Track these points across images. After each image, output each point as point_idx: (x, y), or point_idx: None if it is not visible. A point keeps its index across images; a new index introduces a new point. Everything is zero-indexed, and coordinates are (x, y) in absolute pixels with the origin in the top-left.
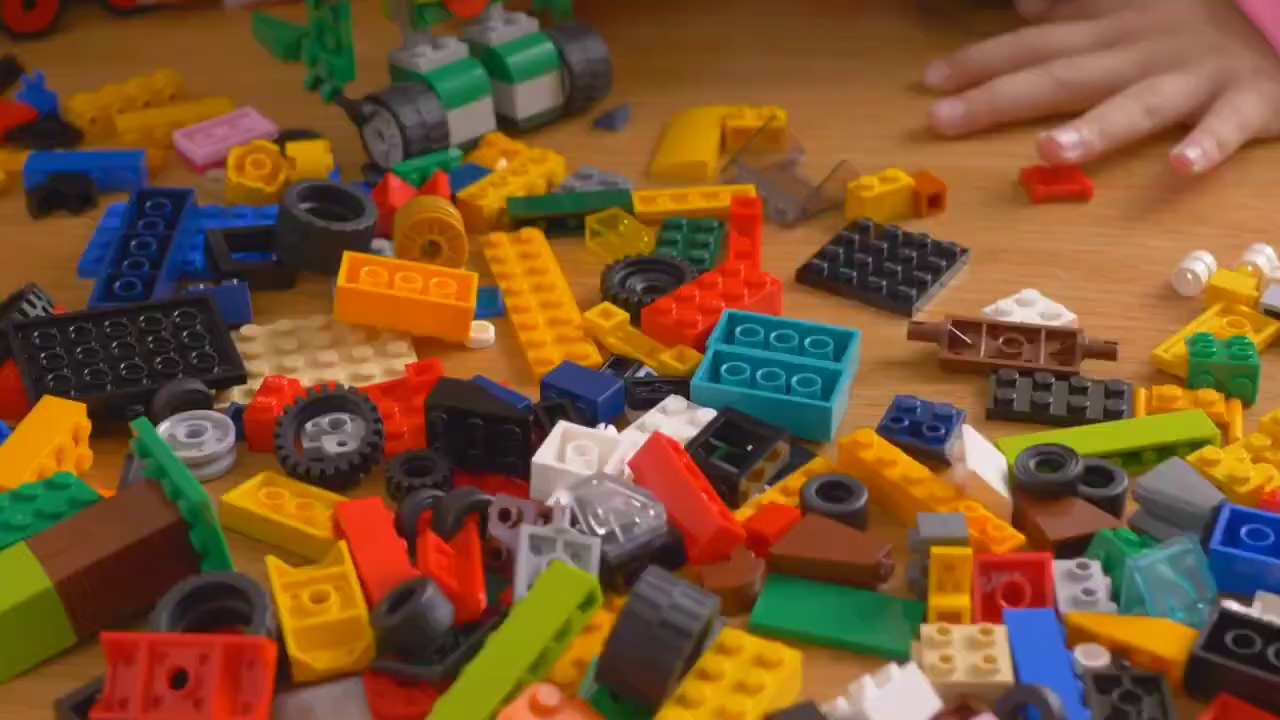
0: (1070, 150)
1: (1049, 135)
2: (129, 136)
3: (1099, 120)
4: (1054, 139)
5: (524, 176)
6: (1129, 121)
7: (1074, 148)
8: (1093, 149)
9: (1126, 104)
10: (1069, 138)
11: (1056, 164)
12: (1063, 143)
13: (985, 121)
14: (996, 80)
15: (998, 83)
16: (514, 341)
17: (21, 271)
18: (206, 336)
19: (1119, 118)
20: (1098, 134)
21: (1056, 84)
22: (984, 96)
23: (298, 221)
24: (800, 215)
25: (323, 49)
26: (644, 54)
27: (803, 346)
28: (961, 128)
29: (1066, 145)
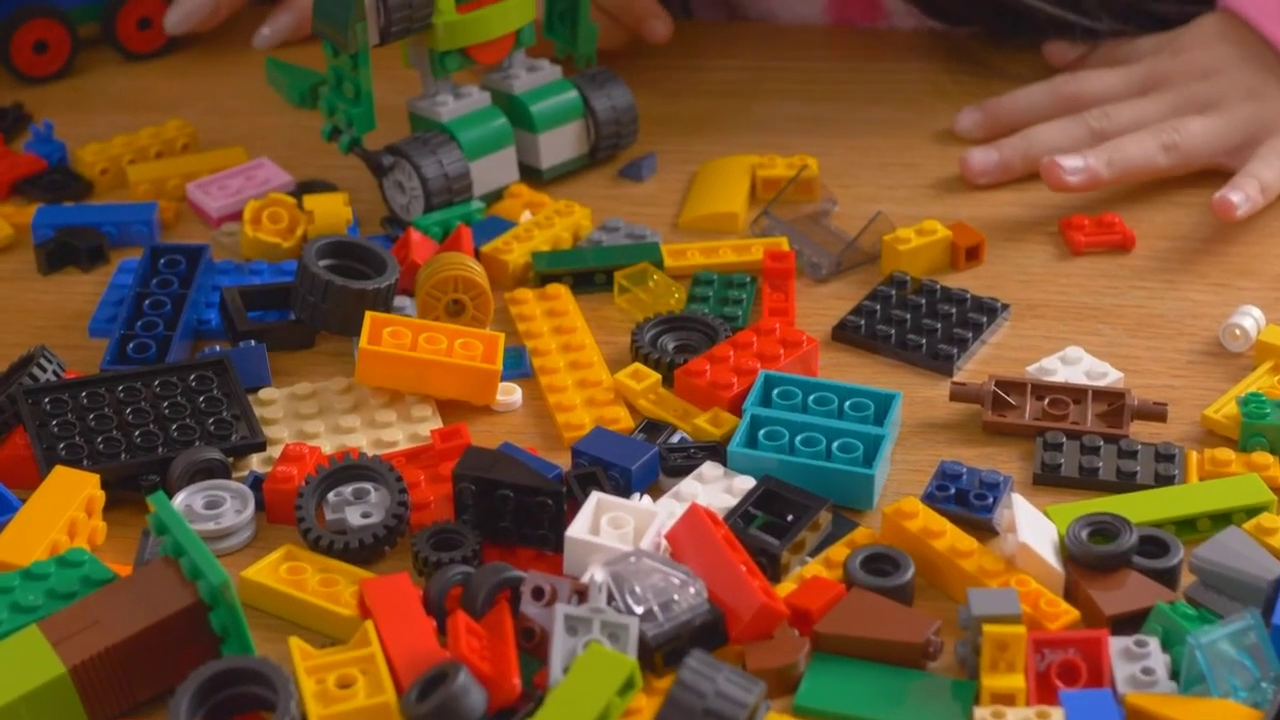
0: (1072, 175)
1: (1053, 159)
2: (141, 188)
3: (1110, 150)
4: (1056, 163)
5: (549, 230)
6: (1142, 155)
7: (1076, 173)
8: (1098, 177)
9: (1143, 138)
10: (1072, 163)
11: (1059, 189)
12: (1065, 166)
13: (1018, 171)
14: (1030, 129)
15: (1031, 131)
16: (542, 404)
17: (31, 331)
18: (224, 401)
19: (1132, 150)
20: (1104, 163)
21: (1090, 133)
22: (1018, 145)
23: (317, 280)
24: (835, 269)
25: (341, 98)
26: (669, 100)
27: (842, 410)
28: (994, 177)
29: (1068, 170)
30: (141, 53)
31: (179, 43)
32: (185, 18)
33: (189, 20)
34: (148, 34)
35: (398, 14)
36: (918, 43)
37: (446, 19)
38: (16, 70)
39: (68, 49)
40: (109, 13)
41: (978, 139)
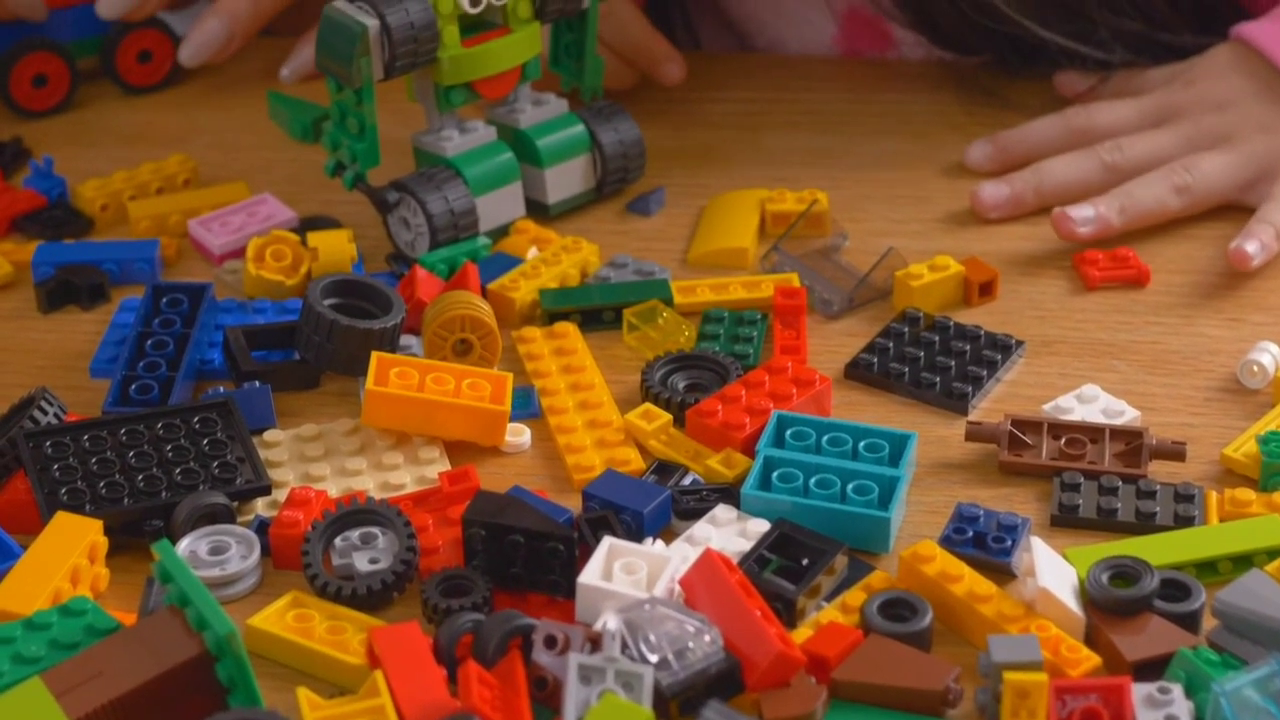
0: (1082, 226)
1: (1063, 210)
2: (142, 225)
3: (1121, 197)
4: (1066, 214)
5: (556, 266)
6: (1154, 199)
7: (1087, 224)
8: (1109, 226)
9: (1154, 182)
10: (1082, 214)
11: (1070, 240)
12: (1075, 218)
13: (1030, 205)
14: (1042, 163)
15: (1043, 165)
16: (551, 445)
17: (31, 372)
18: (228, 444)
19: (1144, 195)
20: (1116, 211)
21: (1103, 166)
22: (1029, 179)
23: (323, 319)
24: (847, 306)
25: (345, 133)
26: (675, 132)
27: (857, 451)
28: (1005, 211)
29: (1078, 221)
30: (141, 86)
31: (178, 76)
32: (199, 50)
33: (203, 52)
34: (147, 67)
35: (402, 48)
36: (927, 74)
37: (451, 53)
38: (15, 104)
39: (67, 83)
40: (109, 46)
41: (988, 172)
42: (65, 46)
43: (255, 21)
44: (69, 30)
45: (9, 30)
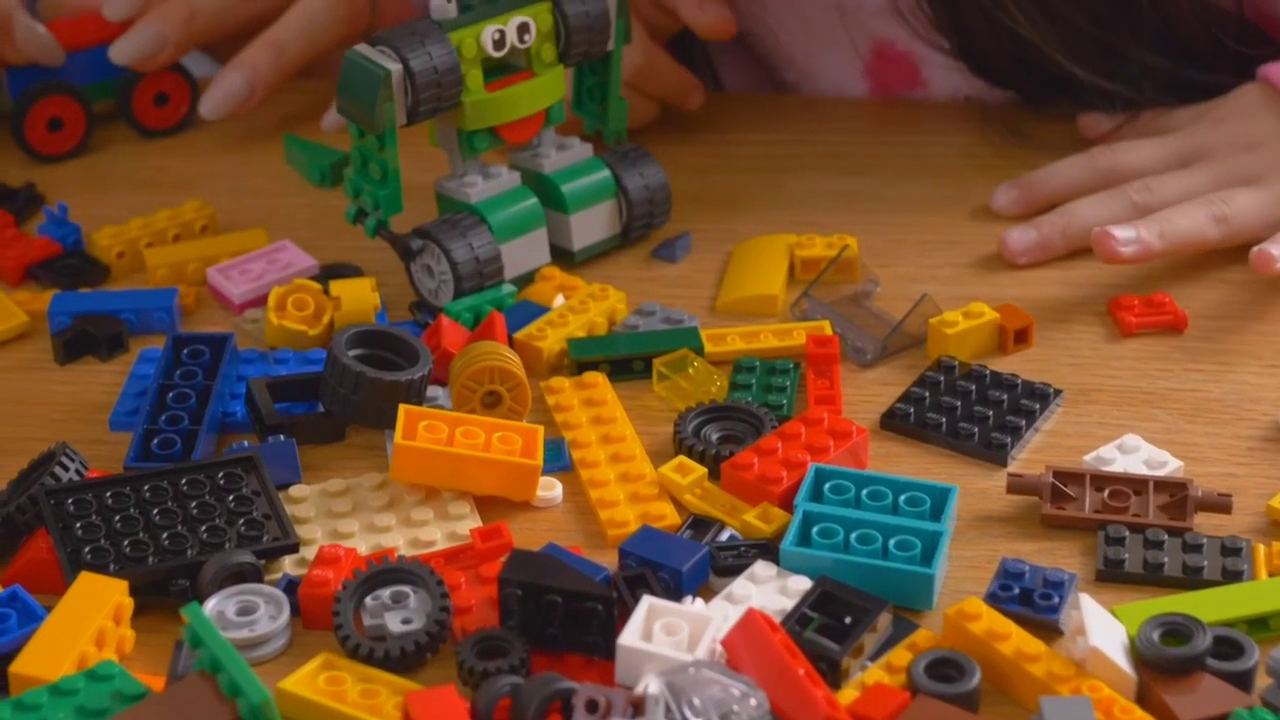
0: (1125, 247)
1: (1104, 230)
2: (159, 273)
3: (1161, 221)
4: (1109, 234)
5: (584, 315)
6: (1193, 227)
7: (1129, 244)
8: (1150, 250)
9: (1194, 210)
10: (1125, 234)
11: (1111, 261)
12: (1118, 237)
13: (1059, 249)
14: (1070, 205)
15: (1071, 207)
16: (583, 499)
17: (49, 425)
18: (254, 500)
19: (1183, 222)
20: (1157, 235)
21: (1132, 206)
22: (1057, 222)
23: (348, 371)
24: (880, 354)
25: (367, 180)
26: (699, 176)
27: (897, 505)
28: (1034, 256)
29: (1121, 240)
30: (158, 129)
31: (195, 120)
32: (220, 104)
33: (224, 107)
34: (164, 110)
35: (426, 93)
36: (952, 114)
37: (475, 97)
38: (30, 149)
39: (82, 127)
40: (125, 89)
41: (1015, 216)
42: (81, 90)
43: (277, 77)
44: (85, 73)
45: (24, 74)
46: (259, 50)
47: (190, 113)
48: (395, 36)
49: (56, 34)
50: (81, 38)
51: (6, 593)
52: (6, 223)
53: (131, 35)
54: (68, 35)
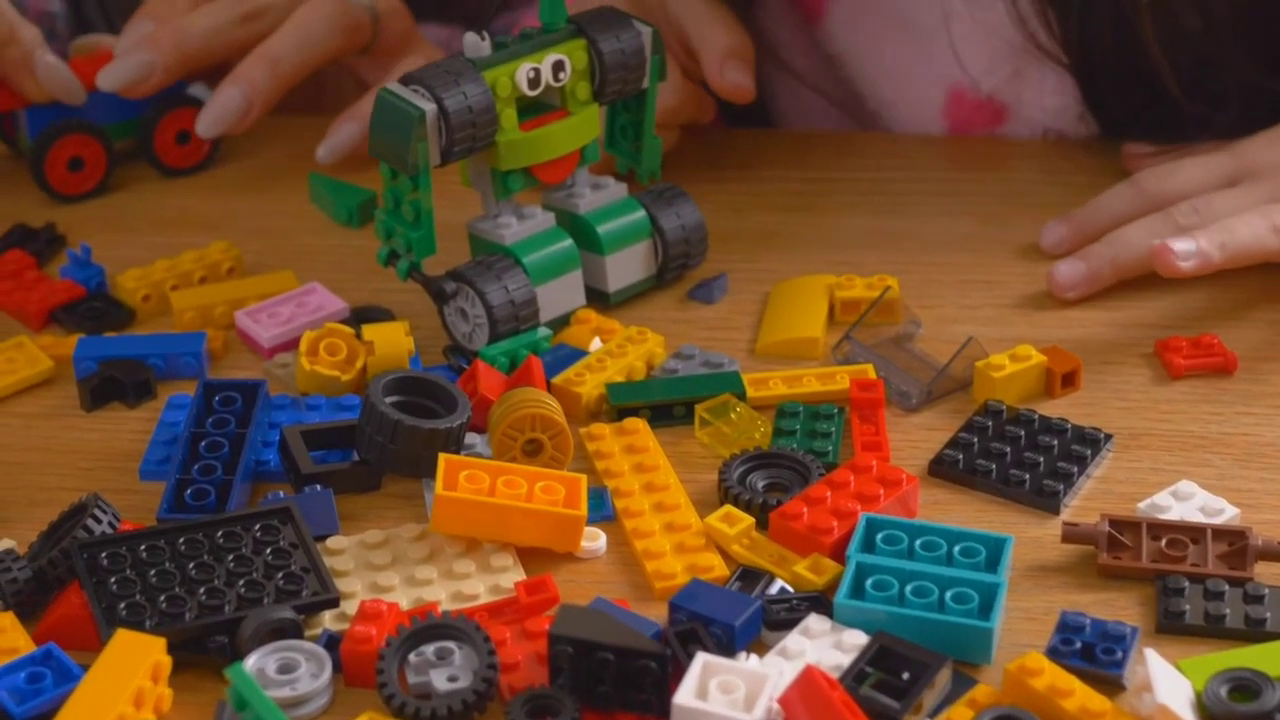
0: (1185, 260)
1: (1163, 243)
2: (186, 316)
3: (1221, 232)
4: (1168, 246)
5: (622, 359)
6: (1254, 237)
7: (1189, 258)
8: (1210, 262)
9: (1253, 219)
10: (1184, 246)
11: (1170, 275)
12: (1177, 250)
13: (1108, 280)
14: (1116, 233)
15: (1117, 236)
16: (628, 550)
17: (77, 474)
18: (292, 553)
19: (1244, 232)
20: (1217, 246)
21: (1179, 230)
22: (1105, 252)
23: (386, 419)
24: (926, 399)
25: (399, 221)
26: (733, 214)
27: (951, 555)
28: (1084, 289)
29: (1181, 254)
30: (179, 168)
31: (216, 158)
32: (217, 119)
33: (221, 122)
34: (186, 148)
35: (460, 133)
36: (986, 150)
37: (510, 137)
38: (51, 189)
39: (103, 166)
40: (146, 127)
41: (1066, 254)
42: (102, 128)
43: (275, 90)
44: (105, 112)
45: (43, 113)
46: (254, 64)
47: (213, 151)
48: (428, 75)
49: (77, 72)
50: None
51: (41, 651)
52: (28, 265)
53: (119, 61)
54: (89, 74)
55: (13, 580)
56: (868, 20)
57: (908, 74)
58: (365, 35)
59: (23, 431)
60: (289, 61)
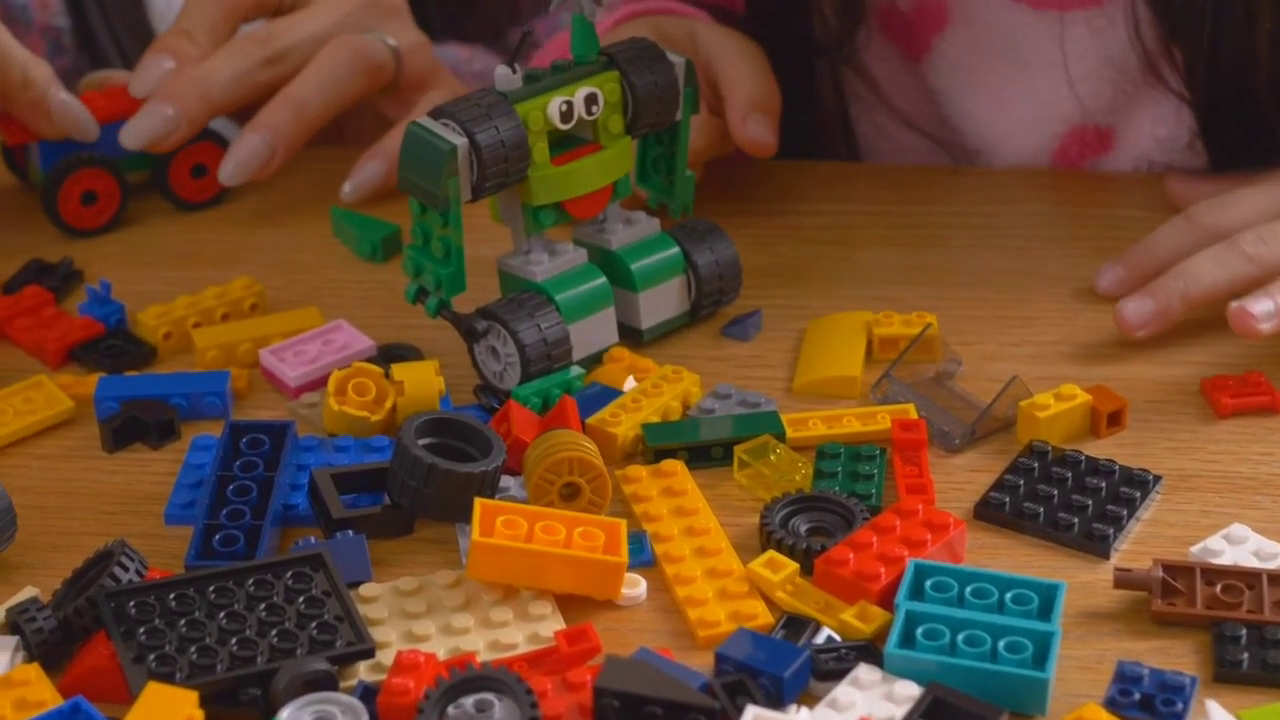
0: (1264, 322)
1: (1240, 305)
2: (208, 354)
3: None
4: (1246, 309)
5: (658, 398)
6: None
7: (1268, 319)
8: None
9: None
10: (1263, 307)
11: (1251, 337)
12: (1255, 313)
13: (1177, 314)
14: (1182, 266)
15: (1184, 269)
16: (669, 596)
17: (100, 517)
18: (325, 601)
19: None
20: None
21: (1246, 259)
22: (1173, 287)
23: (419, 463)
24: (969, 439)
25: (428, 258)
26: (764, 249)
27: (1003, 602)
28: (1154, 328)
29: (1260, 316)
30: (195, 202)
31: (232, 192)
32: (240, 167)
33: (245, 170)
34: (201, 182)
35: (492, 168)
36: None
37: (542, 172)
38: (64, 223)
39: (117, 200)
40: (161, 160)
41: (1123, 295)
42: (115, 162)
43: (299, 135)
44: (118, 145)
45: (56, 146)
46: (278, 109)
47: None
48: (459, 109)
49: (90, 106)
50: (115, 110)
51: (69, 705)
52: (46, 301)
53: (141, 118)
54: (101, 108)
55: (38, 630)
56: (976, 55)
57: (1013, 107)
58: (388, 75)
59: (43, 474)
60: (313, 106)
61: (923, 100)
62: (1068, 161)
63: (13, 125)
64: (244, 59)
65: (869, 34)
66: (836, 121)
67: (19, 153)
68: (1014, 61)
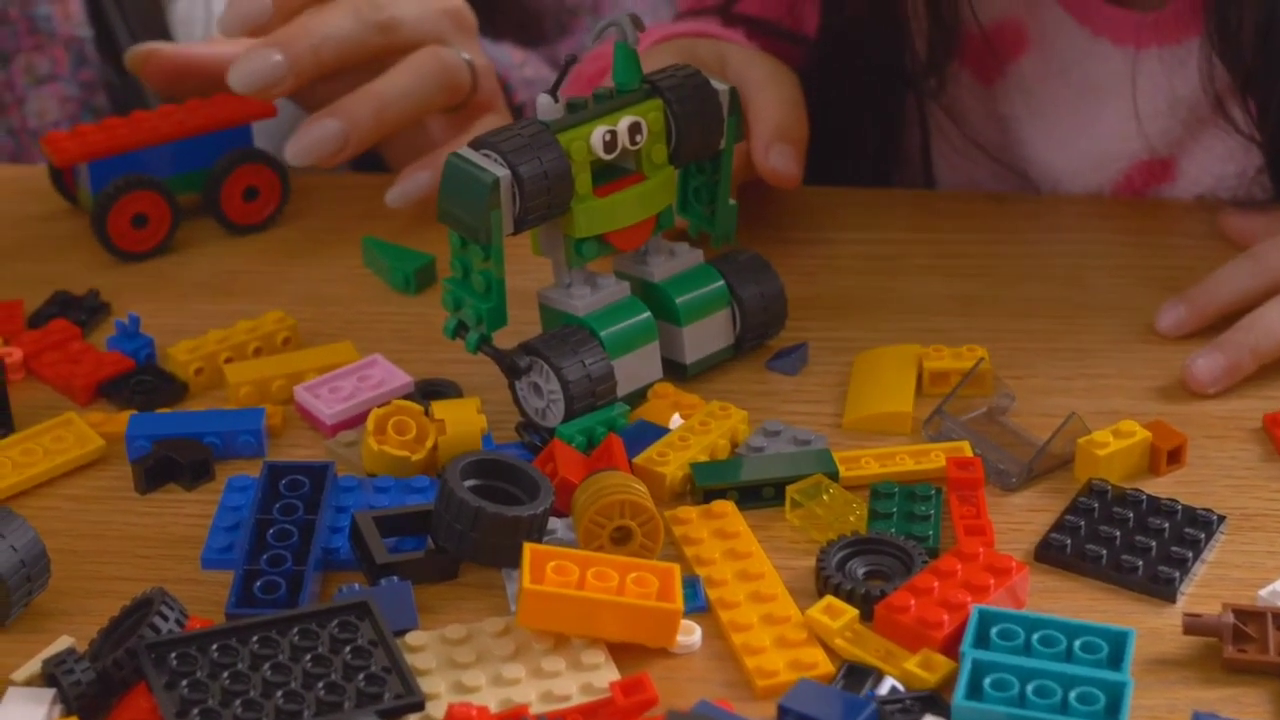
0: None
1: None
2: (241, 391)
3: None
4: None
5: (706, 436)
6: None
7: None
8: None
9: None
10: None
11: None
12: None
13: (1249, 370)
14: (1252, 318)
15: (1254, 322)
16: (724, 644)
17: (134, 561)
18: (372, 651)
19: None
20: None
21: None
22: (1244, 341)
23: (466, 506)
24: (1026, 478)
25: (469, 292)
26: (806, 279)
27: (1071, 650)
28: (1226, 384)
29: None
30: (245, 225)
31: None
32: (309, 149)
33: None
34: (253, 205)
35: (535, 200)
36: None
37: (585, 204)
38: (114, 246)
39: (168, 223)
40: (213, 183)
41: (1184, 336)
42: (165, 183)
43: (374, 134)
44: (167, 165)
45: (106, 166)
46: (362, 102)
47: (280, 207)
48: (501, 140)
49: (137, 127)
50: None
51: None
52: (73, 335)
53: (250, 60)
54: (148, 129)
55: (75, 683)
56: (1049, 84)
57: (1080, 139)
58: (464, 94)
59: (75, 516)
60: (396, 108)
61: (992, 127)
62: (1130, 192)
63: (61, 145)
64: (357, 19)
65: (959, 66)
66: (917, 152)
67: (67, 174)
68: (1085, 93)
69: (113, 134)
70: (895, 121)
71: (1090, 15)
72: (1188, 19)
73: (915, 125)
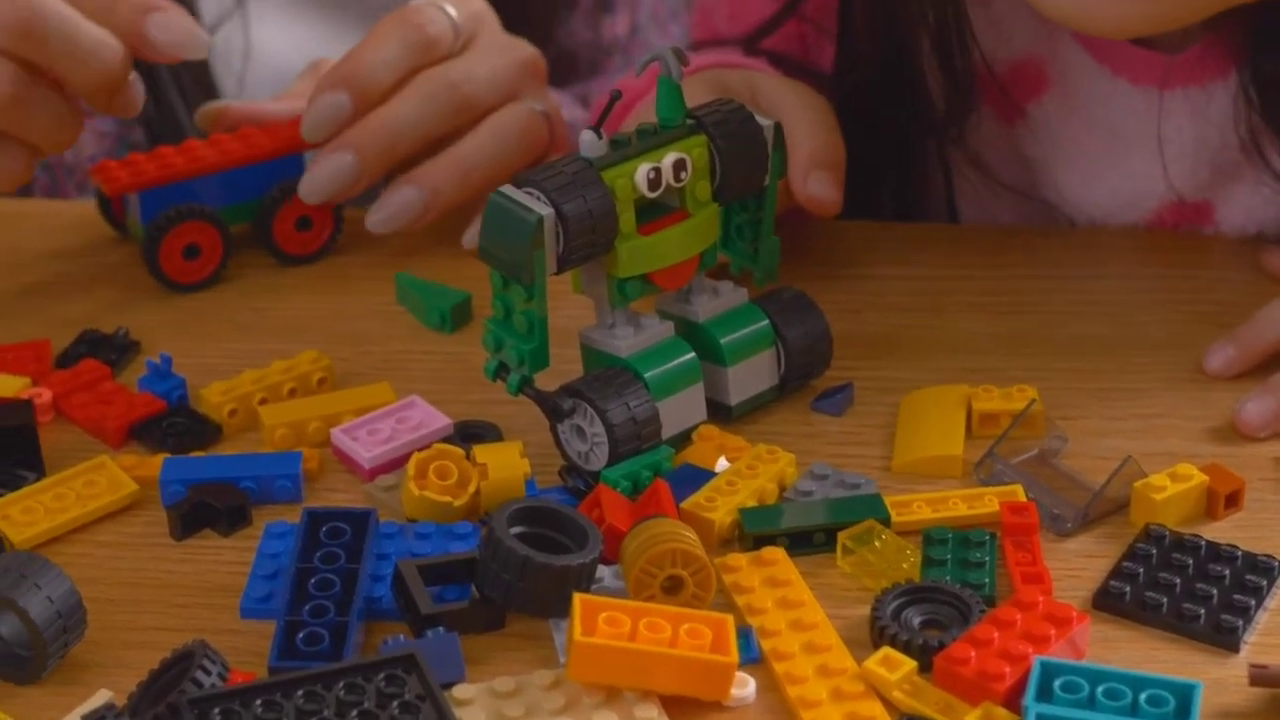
0: None
1: None
2: (277, 433)
3: None
4: None
5: (753, 480)
6: None
7: None
8: None
9: None
10: None
11: None
12: None
13: None
14: None
15: None
16: (779, 696)
17: (170, 611)
18: (420, 706)
19: None
20: None
21: None
22: None
23: (513, 555)
24: (1081, 523)
25: (510, 333)
26: (850, 317)
27: (1136, 704)
28: (1277, 426)
29: None
30: (298, 255)
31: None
32: (391, 219)
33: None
34: (306, 235)
35: (579, 239)
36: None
37: (630, 242)
38: (166, 277)
39: (220, 253)
40: (265, 214)
41: (1233, 378)
42: (217, 214)
43: (456, 200)
44: (219, 195)
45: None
46: (445, 169)
47: (332, 239)
48: (544, 177)
49: (189, 156)
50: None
51: None
52: (104, 375)
53: (322, 167)
54: (199, 158)
55: None
56: (1072, 125)
57: (1106, 181)
58: (543, 147)
59: (109, 564)
60: (479, 174)
61: (1018, 167)
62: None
63: (113, 174)
64: (433, 105)
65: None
66: (941, 190)
67: (117, 203)
68: (1110, 135)
69: (164, 163)
70: (916, 163)
71: (1109, 54)
72: (1213, 62)
73: (937, 169)
